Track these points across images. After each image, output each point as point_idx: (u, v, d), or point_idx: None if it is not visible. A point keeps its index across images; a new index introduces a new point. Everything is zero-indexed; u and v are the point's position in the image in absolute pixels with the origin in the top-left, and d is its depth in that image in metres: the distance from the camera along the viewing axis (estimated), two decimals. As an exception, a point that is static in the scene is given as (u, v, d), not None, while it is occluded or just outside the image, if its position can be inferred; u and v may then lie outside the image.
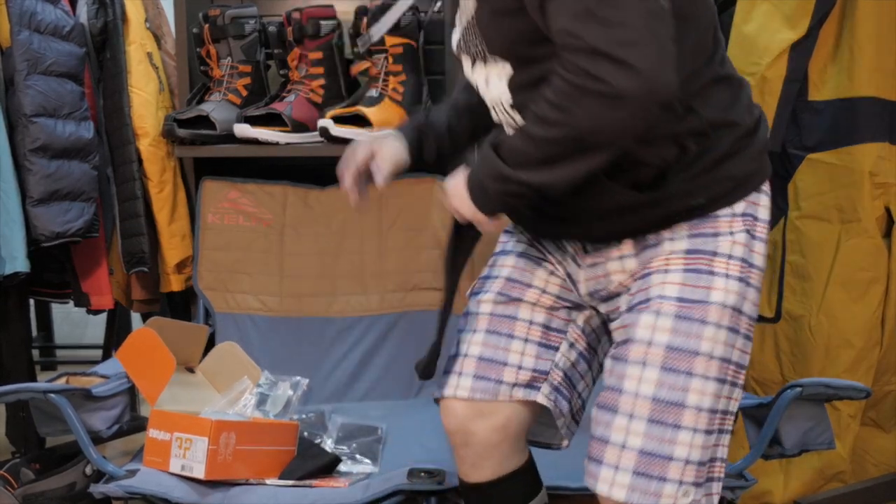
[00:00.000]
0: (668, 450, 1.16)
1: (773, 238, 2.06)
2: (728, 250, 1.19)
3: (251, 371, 1.91)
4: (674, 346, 1.16)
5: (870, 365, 1.97)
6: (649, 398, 1.16)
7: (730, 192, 1.19)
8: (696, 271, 1.18)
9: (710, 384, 1.16)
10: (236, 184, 2.26)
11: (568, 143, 1.05)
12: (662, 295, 1.18)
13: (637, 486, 1.16)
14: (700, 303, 1.17)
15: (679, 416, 1.15)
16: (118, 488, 1.51)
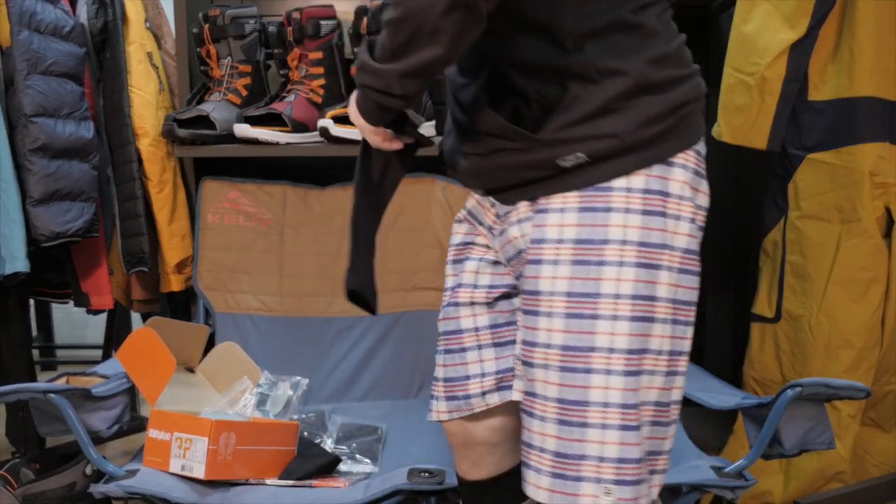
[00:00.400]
0: (579, 449, 1.11)
1: (773, 238, 2.07)
2: (621, 236, 1.09)
3: (251, 371, 1.91)
4: (568, 345, 1.11)
5: (870, 365, 1.97)
6: (554, 400, 1.13)
7: (616, 154, 1.09)
8: (585, 263, 1.10)
9: (613, 378, 1.10)
10: (236, 184, 2.26)
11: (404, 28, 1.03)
12: (552, 291, 1.12)
13: (556, 488, 1.13)
14: (590, 296, 1.10)
15: (584, 414, 1.11)
16: (118, 488, 1.51)
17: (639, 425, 1.12)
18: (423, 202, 2.22)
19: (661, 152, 1.11)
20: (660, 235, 1.11)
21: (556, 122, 1.10)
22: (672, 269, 1.13)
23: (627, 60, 1.08)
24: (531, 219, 1.17)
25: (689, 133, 1.14)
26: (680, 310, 1.15)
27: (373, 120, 1.22)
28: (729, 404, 1.66)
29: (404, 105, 1.16)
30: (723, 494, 1.54)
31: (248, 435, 1.60)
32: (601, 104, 1.08)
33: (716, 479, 1.53)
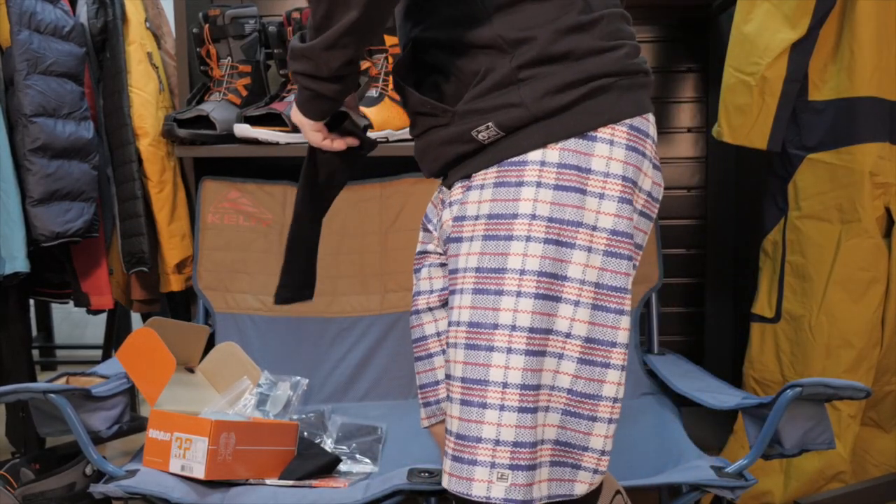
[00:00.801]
0: (477, 431, 1.07)
1: (773, 238, 2.07)
2: (530, 210, 1.06)
3: (251, 371, 1.91)
4: (474, 322, 1.07)
5: (870, 365, 1.97)
6: (459, 379, 1.09)
7: (524, 124, 1.06)
8: (494, 238, 1.07)
9: (514, 357, 1.05)
10: (236, 183, 2.26)
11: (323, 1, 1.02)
12: (465, 268, 1.10)
13: (454, 472, 1.09)
14: (497, 272, 1.06)
15: (483, 394, 1.07)
16: (118, 488, 1.51)
17: (536, 408, 1.07)
18: (423, 202, 2.22)
19: (574, 125, 1.06)
20: (574, 212, 1.06)
21: (470, 94, 1.09)
22: (593, 249, 1.07)
23: (535, 30, 1.05)
24: (461, 199, 1.15)
25: (614, 107, 1.07)
26: (605, 295, 1.08)
27: (311, 113, 1.19)
28: (729, 404, 1.66)
29: (338, 90, 1.13)
30: (723, 494, 1.54)
31: (247, 435, 1.60)
32: (507, 73, 1.06)
33: (716, 479, 1.53)
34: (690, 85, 2.44)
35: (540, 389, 1.08)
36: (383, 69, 2.16)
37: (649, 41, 2.42)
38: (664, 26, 2.41)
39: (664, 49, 2.43)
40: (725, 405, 1.66)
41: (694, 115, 2.45)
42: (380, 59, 2.16)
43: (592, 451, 1.12)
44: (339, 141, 1.27)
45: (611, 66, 1.07)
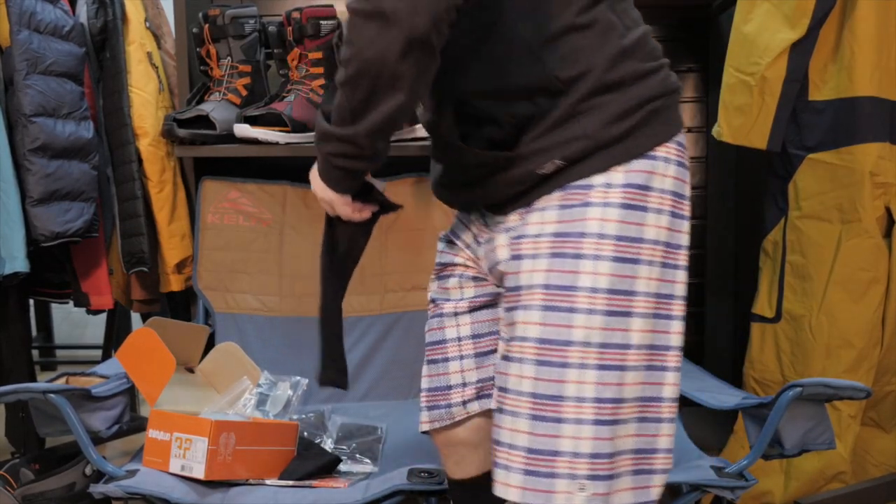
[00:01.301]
0: (553, 445, 1.09)
1: (773, 238, 2.06)
2: (598, 229, 1.09)
3: (251, 371, 1.91)
4: (543, 338, 1.10)
5: (870, 365, 1.97)
6: (528, 394, 1.11)
7: (590, 153, 1.10)
8: (561, 255, 1.10)
9: (589, 373, 1.08)
10: (236, 183, 2.26)
11: (363, 82, 1.03)
12: (531, 284, 1.12)
13: (529, 485, 1.11)
14: (566, 289, 1.09)
15: (558, 409, 1.09)
16: (118, 488, 1.51)
17: (614, 420, 1.10)
18: (423, 202, 2.22)
19: (636, 147, 1.11)
20: (638, 230, 1.10)
21: (530, 135, 1.12)
22: (653, 263, 1.11)
23: (587, 63, 1.08)
24: (521, 222, 1.18)
25: (665, 127, 1.13)
26: (662, 304, 1.12)
27: (343, 189, 1.21)
28: (729, 404, 1.66)
29: (375, 166, 1.16)
30: (723, 495, 1.54)
31: (247, 435, 1.60)
32: (567, 109, 1.09)
33: (716, 479, 1.53)
34: (690, 85, 2.44)
35: (615, 402, 1.10)
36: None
37: (649, 41, 2.42)
38: (664, 26, 2.41)
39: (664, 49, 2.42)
40: (725, 405, 1.66)
41: (694, 115, 2.45)
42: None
43: (663, 452, 1.15)
44: (367, 209, 1.28)
45: (659, 89, 1.13)
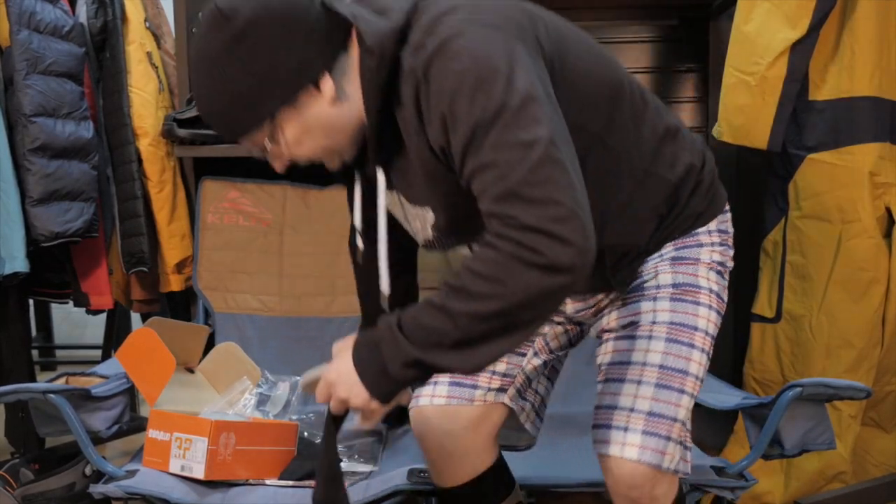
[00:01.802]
0: (674, 412, 1.22)
1: (773, 238, 2.06)
2: (708, 257, 1.30)
3: (251, 371, 1.91)
4: (676, 321, 1.26)
5: (871, 365, 1.97)
6: (657, 366, 1.24)
7: (693, 223, 1.30)
8: (683, 300, 1.28)
9: (703, 356, 1.27)
10: (236, 183, 2.26)
11: (495, 319, 1.03)
12: (654, 321, 1.26)
13: (647, 445, 1.21)
14: (689, 328, 1.26)
15: (683, 382, 1.24)
16: (118, 488, 1.51)
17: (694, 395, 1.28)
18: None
19: (719, 207, 1.33)
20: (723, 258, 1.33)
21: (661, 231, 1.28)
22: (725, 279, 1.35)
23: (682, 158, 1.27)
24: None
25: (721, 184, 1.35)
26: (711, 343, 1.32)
27: (387, 398, 1.14)
28: (729, 404, 1.66)
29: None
30: (723, 495, 1.54)
31: (247, 435, 1.60)
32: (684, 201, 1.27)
33: (716, 479, 1.53)
34: (690, 85, 2.44)
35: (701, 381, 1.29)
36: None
37: (649, 41, 2.42)
38: (664, 26, 2.41)
39: (664, 49, 2.42)
40: (726, 405, 1.66)
41: (694, 115, 2.45)
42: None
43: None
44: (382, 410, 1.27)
45: (711, 156, 1.34)
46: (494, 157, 1.01)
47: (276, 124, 1.14)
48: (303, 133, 1.15)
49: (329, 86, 1.12)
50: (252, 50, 1.08)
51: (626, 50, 2.42)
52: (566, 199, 0.99)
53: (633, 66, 2.43)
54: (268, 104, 1.11)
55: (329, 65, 1.12)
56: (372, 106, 1.12)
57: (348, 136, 1.18)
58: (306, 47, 1.10)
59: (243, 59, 1.08)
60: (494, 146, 1.01)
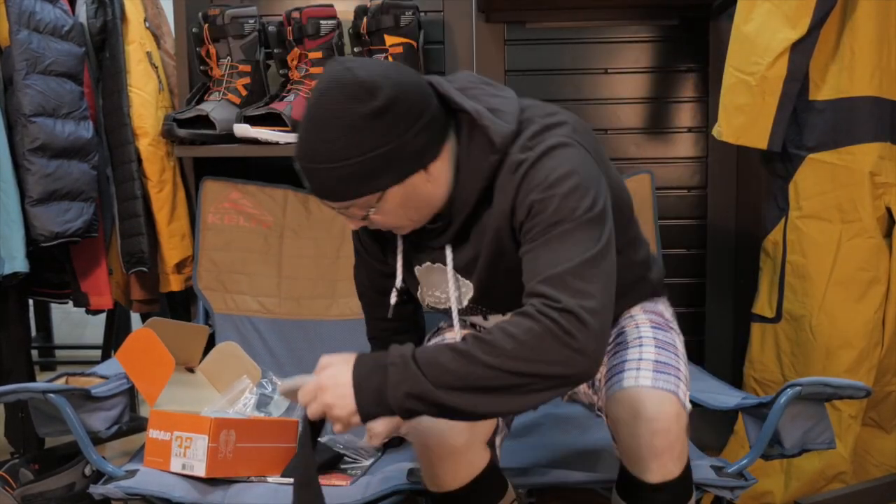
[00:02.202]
0: (676, 366, 1.41)
1: (773, 238, 2.06)
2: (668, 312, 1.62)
3: (251, 370, 1.90)
4: (658, 337, 1.48)
5: (871, 365, 1.97)
6: (651, 338, 1.46)
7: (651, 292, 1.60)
8: (662, 329, 1.51)
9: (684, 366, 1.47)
10: (237, 185, 2.26)
11: (512, 377, 1.12)
12: (642, 336, 1.48)
13: (660, 377, 1.36)
14: (671, 345, 1.47)
15: (678, 357, 1.45)
16: (118, 489, 1.51)
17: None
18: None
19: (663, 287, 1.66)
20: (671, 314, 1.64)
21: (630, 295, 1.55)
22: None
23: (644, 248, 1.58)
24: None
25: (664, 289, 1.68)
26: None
27: (369, 418, 1.19)
28: (729, 404, 1.66)
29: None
30: (722, 494, 1.54)
31: (248, 432, 1.60)
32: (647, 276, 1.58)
33: (715, 478, 1.53)
34: (690, 85, 2.44)
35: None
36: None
37: (649, 41, 2.42)
38: (664, 26, 2.41)
39: (664, 49, 2.42)
40: (725, 405, 1.66)
41: (694, 115, 2.45)
42: (380, 58, 2.16)
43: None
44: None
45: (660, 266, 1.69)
46: (558, 247, 1.19)
47: (385, 196, 1.26)
48: (400, 206, 1.28)
49: (437, 169, 1.27)
50: (388, 128, 1.20)
51: (626, 50, 2.42)
52: (602, 294, 1.17)
53: (633, 66, 2.43)
54: (387, 178, 1.23)
55: (441, 150, 1.27)
56: (476, 190, 1.29)
57: (432, 211, 1.33)
58: (429, 132, 1.24)
59: (378, 135, 1.19)
60: (562, 239, 1.19)
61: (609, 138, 2.45)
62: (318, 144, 1.22)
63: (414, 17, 2.17)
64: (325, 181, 1.24)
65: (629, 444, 1.33)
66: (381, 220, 1.31)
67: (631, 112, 2.44)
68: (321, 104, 1.22)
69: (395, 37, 2.14)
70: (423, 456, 1.42)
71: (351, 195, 1.25)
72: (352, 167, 1.21)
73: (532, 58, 2.41)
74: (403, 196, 1.26)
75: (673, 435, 1.31)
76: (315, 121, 1.22)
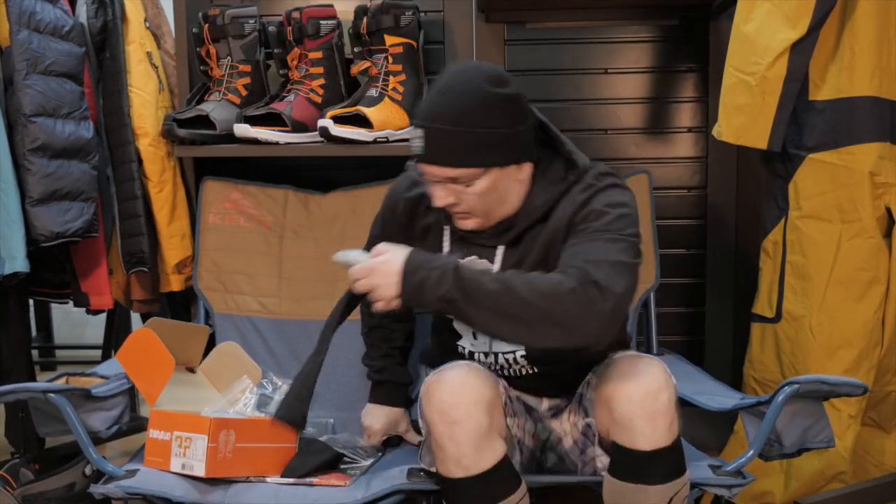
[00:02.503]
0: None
1: (773, 238, 2.06)
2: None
3: (252, 371, 1.90)
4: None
5: (871, 365, 1.97)
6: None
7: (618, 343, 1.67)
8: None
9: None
10: (238, 185, 2.26)
11: (535, 313, 1.33)
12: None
13: (644, 354, 1.55)
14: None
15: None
16: (118, 488, 1.51)
17: None
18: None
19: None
20: None
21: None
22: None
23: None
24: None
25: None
26: None
27: (406, 304, 1.41)
28: (727, 405, 1.66)
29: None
30: (720, 493, 1.54)
31: (247, 432, 1.60)
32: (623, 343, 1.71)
33: (713, 477, 1.53)
34: (690, 85, 2.44)
35: None
36: (383, 69, 2.16)
37: (649, 41, 2.42)
38: (664, 26, 2.41)
39: (664, 49, 2.42)
40: (724, 406, 1.67)
41: (694, 115, 2.45)
42: (380, 59, 2.16)
43: None
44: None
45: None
46: (602, 245, 1.40)
47: (484, 175, 1.44)
48: (488, 192, 1.46)
49: (525, 171, 1.50)
50: (511, 114, 1.43)
51: (626, 50, 2.42)
52: (625, 292, 1.38)
53: (633, 66, 2.43)
54: (497, 157, 1.43)
55: (533, 156, 1.50)
56: (545, 206, 1.50)
57: (502, 214, 1.51)
58: (532, 134, 1.49)
59: (505, 116, 1.42)
60: (607, 242, 1.41)
61: (609, 138, 2.45)
62: (451, 109, 1.40)
63: (414, 17, 2.17)
64: (448, 143, 1.40)
65: (623, 410, 1.40)
66: (471, 202, 1.46)
67: (631, 112, 2.44)
68: (458, 78, 1.42)
69: (395, 37, 2.14)
70: (449, 440, 1.41)
71: (466, 162, 1.42)
72: (476, 136, 1.40)
73: (532, 58, 2.41)
74: (495, 183, 1.45)
75: (665, 399, 1.40)
76: (451, 90, 1.41)
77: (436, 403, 1.43)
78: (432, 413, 1.43)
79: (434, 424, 1.43)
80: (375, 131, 2.09)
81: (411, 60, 2.18)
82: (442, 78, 1.46)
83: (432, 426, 1.44)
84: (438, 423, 1.42)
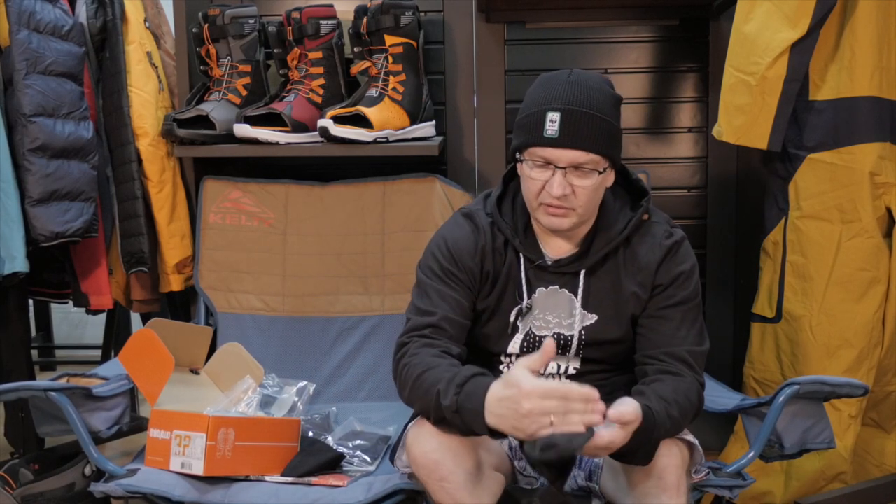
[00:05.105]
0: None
1: (773, 238, 2.06)
2: None
3: (254, 371, 1.91)
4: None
5: (871, 365, 1.96)
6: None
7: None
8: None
9: None
10: (238, 183, 2.26)
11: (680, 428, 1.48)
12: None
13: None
14: None
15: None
16: (118, 487, 1.51)
17: None
18: (424, 202, 2.21)
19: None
20: None
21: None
22: None
23: None
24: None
25: None
26: None
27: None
28: (728, 406, 1.66)
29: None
30: (721, 493, 1.54)
31: (247, 431, 1.60)
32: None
33: (713, 478, 1.53)
34: (690, 85, 2.44)
35: None
36: (383, 69, 2.16)
37: (649, 41, 2.42)
38: (664, 26, 2.41)
39: (664, 49, 2.43)
40: (724, 407, 1.66)
41: (694, 115, 2.45)
42: (380, 58, 2.16)
43: None
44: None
45: None
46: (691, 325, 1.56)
47: (605, 166, 1.46)
48: (598, 187, 1.48)
49: (611, 178, 1.52)
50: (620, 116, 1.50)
51: (626, 50, 2.43)
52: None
53: (633, 66, 2.43)
54: (616, 152, 1.49)
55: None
56: (619, 232, 1.54)
57: (589, 218, 1.53)
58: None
59: (619, 114, 1.50)
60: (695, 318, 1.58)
61: (609, 138, 2.45)
62: (589, 97, 1.43)
63: (414, 17, 2.17)
64: (592, 127, 1.43)
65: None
66: (581, 194, 1.46)
67: (631, 112, 2.44)
68: (588, 76, 1.48)
69: (395, 37, 2.14)
70: (442, 493, 1.38)
71: (599, 148, 1.44)
72: (609, 125, 1.45)
73: (532, 58, 2.41)
74: (602, 181, 1.48)
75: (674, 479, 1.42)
76: (588, 84, 1.45)
77: (419, 458, 1.40)
78: (418, 468, 1.41)
79: (422, 478, 1.42)
80: (375, 131, 2.09)
81: (411, 60, 2.18)
82: (556, 74, 1.49)
83: (421, 478, 1.42)
84: (426, 479, 1.41)
